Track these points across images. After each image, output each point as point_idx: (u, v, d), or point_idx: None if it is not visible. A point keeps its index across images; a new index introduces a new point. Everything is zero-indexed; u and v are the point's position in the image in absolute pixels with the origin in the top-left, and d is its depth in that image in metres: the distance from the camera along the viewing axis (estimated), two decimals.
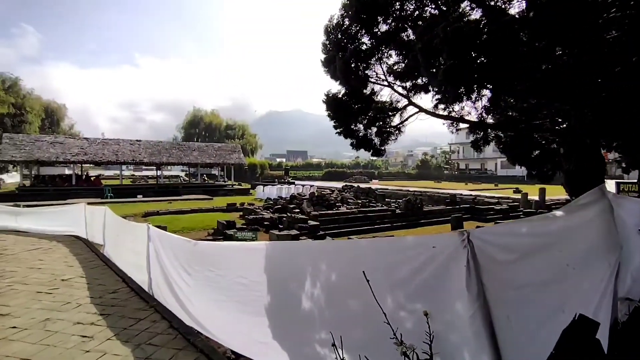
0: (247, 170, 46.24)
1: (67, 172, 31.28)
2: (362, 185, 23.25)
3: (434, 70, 5.68)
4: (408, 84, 8.03)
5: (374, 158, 76.30)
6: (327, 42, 7.97)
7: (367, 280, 1.96)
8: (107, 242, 7.95)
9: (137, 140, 30.97)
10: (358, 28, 7.52)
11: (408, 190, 25.73)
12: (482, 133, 8.21)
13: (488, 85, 6.02)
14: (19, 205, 12.98)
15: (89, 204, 10.02)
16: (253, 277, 3.17)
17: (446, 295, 2.03)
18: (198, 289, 3.91)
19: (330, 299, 2.58)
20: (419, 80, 7.77)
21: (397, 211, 14.01)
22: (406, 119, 8.64)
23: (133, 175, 52.68)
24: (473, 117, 7.89)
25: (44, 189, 24.41)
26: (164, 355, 3.29)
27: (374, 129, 8.49)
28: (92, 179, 29.94)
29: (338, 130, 8.65)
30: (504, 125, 7.78)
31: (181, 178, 44.01)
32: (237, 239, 7.74)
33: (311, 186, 26.29)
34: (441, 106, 7.85)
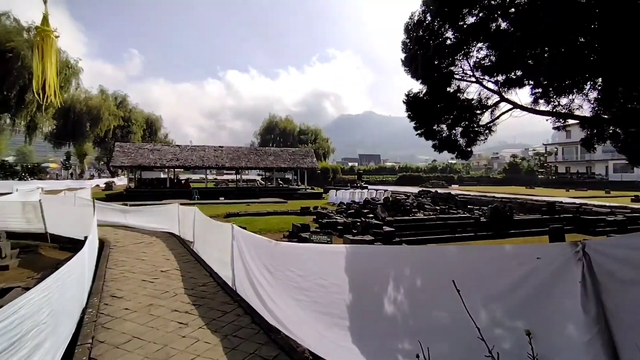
0: (320, 174, 47.49)
1: (162, 176, 36.11)
2: (441, 191, 22.10)
3: (534, 60, 5.14)
4: (499, 79, 7.39)
5: (453, 161, 71.85)
6: (408, 40, 7.79)
7: (458, 291, 1.88)
8: (196, 239, 8.96)
9: (220, 147, 34.28)
10: (441, 23, 7.20)
11: (494, 197, 23.52)
12: (595, 130, 7.11)
13: (606, 73, 5.21)
14: (126, 204, 15.40)
15: (180, 204, 11.42)
16: (332, 279, 3.27)
17: (554, 314, 1.84)
18: (279, 287, 4.17)
19: (415, 306, 2.53)
20: (513, 74, 7.10)
21: (482, 219, 12.93)
22: (497, 117, 7.96)
23: (216, 178, 58.28)
24: (585, 111, 6.88)
25: (145, 190, 28.60)
26: (248, 348, 3.59)
27: (459, 129, 8.01)
28: (182, 182, 34.15)
29: (419, 131, 8.38)
30: (625, 120, 6.63)
31: (258, 182, 47.30)
32: (313, 242, 8.02)
33: (385, 191, 25.92)
34: (542, 101, 7.03)
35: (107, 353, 3.55)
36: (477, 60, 7.50)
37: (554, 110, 7.08)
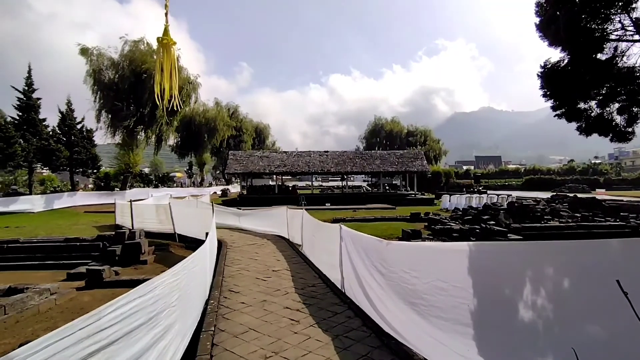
0: (431, 178, 45.38)
1: (271, 183, 39.78)
2: (581, 196, 18.91)
3: None
4: None
5: (597, 161, 59.74)
6: (544, 0, 6.82)
7: (625, 294, 1.63)
8: (304, 242, 9.55)
9: (325, 152, 35.99)
10: None
11: None
12: None
13: None
14: (240, 209, 17.45)
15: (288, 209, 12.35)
16: (454, 281, 3.09)
17: None
18: (390, 289, 4.11)
19: (561, 313, 2.25)
20: None
21: None
22: None
23: (321, 185, 61.31)
24: None
25: (255, 196, 31.94)
26: (360, 350, 3.65)
27: (615, 105, 6.62)
28: (289, 188, 37.05)
29: (558, 112, 7.23)
30: None
31: (364, 188, 47.88)
32: None
33: (508, 196, 23.61)
34: None
35: (227, 341, 4.06)
36: None
37: None
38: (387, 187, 37.53)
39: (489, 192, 33.35)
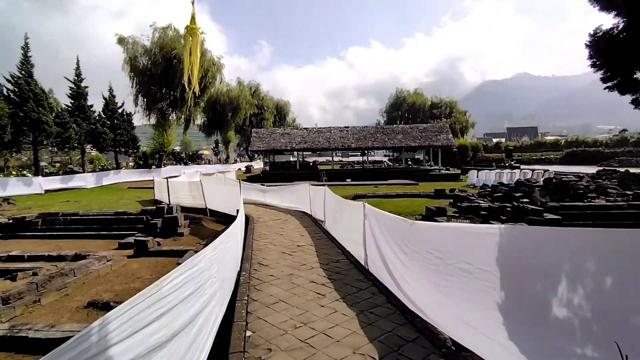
0: (457, 152, 44.25)
1: (292, 159, 40.08)
2: (635, 171, 17.58)
3: None
4: None
5: None
6: None
7: None
8: (327, 218, 9.70)
9: (345, 127, 35.65)
10: None
11: None
12: None
13: None
14: (263, 185, 17.78)
15: (310, 185, 12.49)
16: (480, 264, 3.08)
17: None
18: (414, 269, 4.17)
19: (606, 305, 2.15)
20: None
21: None
22: None
23: (341, 160, 61.16)
24: None
25: (277, 172, 32.34)
26: (385, 326, 3.76)
27: None
28: (310, 164, 37.21)
29: (609, 83, 6.76)
30: None
31: (385, 163, 47.40)
32: None
33: (545, 171, 22.24)
34: None
35: (259, 310, 4.29)
36: None
37: None
38: (409, 162, 36.98)
39: (522, 167, 31.05)
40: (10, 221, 12.08)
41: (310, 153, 54.51)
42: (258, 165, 50.76)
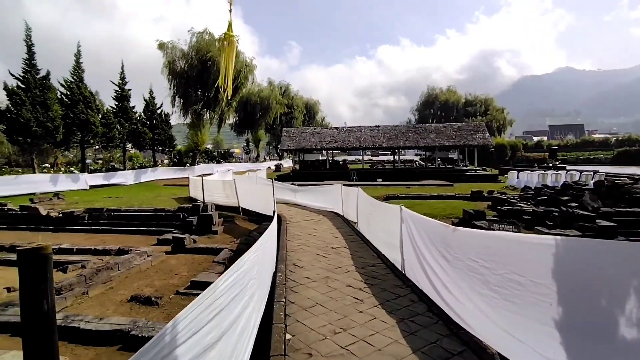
0: (494, 152, 42.58)
1: (321, 158, 40.17)
2: None
3: None
4: None
5: None
6: None
7: None
8: (360, 219, 9.62)
9: (376, 126, 35.24)
10: None
11: None
12: None
13: None
14: (294, 184, 17.92)
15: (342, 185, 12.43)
16: (534, 277, 2.92)
17: None
18: (457, 277, 4.03)
19: None
20: None
21: None
22: None
23: (371, 159, 60.58)
24: None
25: (307, 172, 32.51)
26: (427, 336, 3.66)
27: None
28: (340, 163, 37.15)
29: None
30: None
31: (416, 162, 46.48)
32: None
33: (594, 173, 20.83)
34: None
35: (297, 313, 4.30)
36: None
37: None
38: (439, 162, 36.01)
39: (568, 167, 28.97)
40: (61, 215, 12.90)
41: (339, 152, 54.52)
42: (287, 163, 51.31)
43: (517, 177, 22.11)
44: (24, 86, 24.07)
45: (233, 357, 2.81)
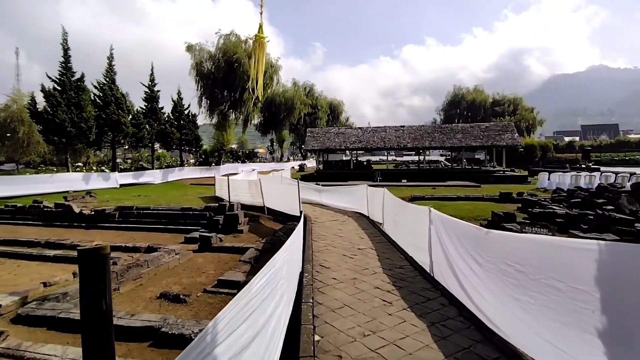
0: (523, 153, 41.13)
1: (345, 158, 40.04)
2: None
3: None
4: None
5: None
6: None
7: None
8: (386, 220, 9.52)
9: (401, 126, 34.80)
10: None
11: None
12: None
13: None
14: (318, 184, 17.95)
15: (368, 185, 12.34)
16: (575, 283, 2.81)
17: None
18: (489, 281, 3.92)
19: None
20: None
21: None
22: None
23: (395, 160, 59.90)
24: None
25: (331, 172, 32.50)
26: (460, 342, 3.57)
27: None
28: (364, 163, 36.94)
29: None
30: None
31: (442, 163, 45.56)
32: None
33: (631, 175, 19.81)
34: None
35: (325, 314, 4.30)
36: None
37: None
38: (466, 163, 35.12)
39: (602, 169, 27.66)
40: (93, 213, 13.47)
41: (362, 152, 54.26)
42: (311, 163, 51.51)
43: (548, 179, 21.25)
44: (60, 88, 25.22)
45: (265, 357, 2.84)
